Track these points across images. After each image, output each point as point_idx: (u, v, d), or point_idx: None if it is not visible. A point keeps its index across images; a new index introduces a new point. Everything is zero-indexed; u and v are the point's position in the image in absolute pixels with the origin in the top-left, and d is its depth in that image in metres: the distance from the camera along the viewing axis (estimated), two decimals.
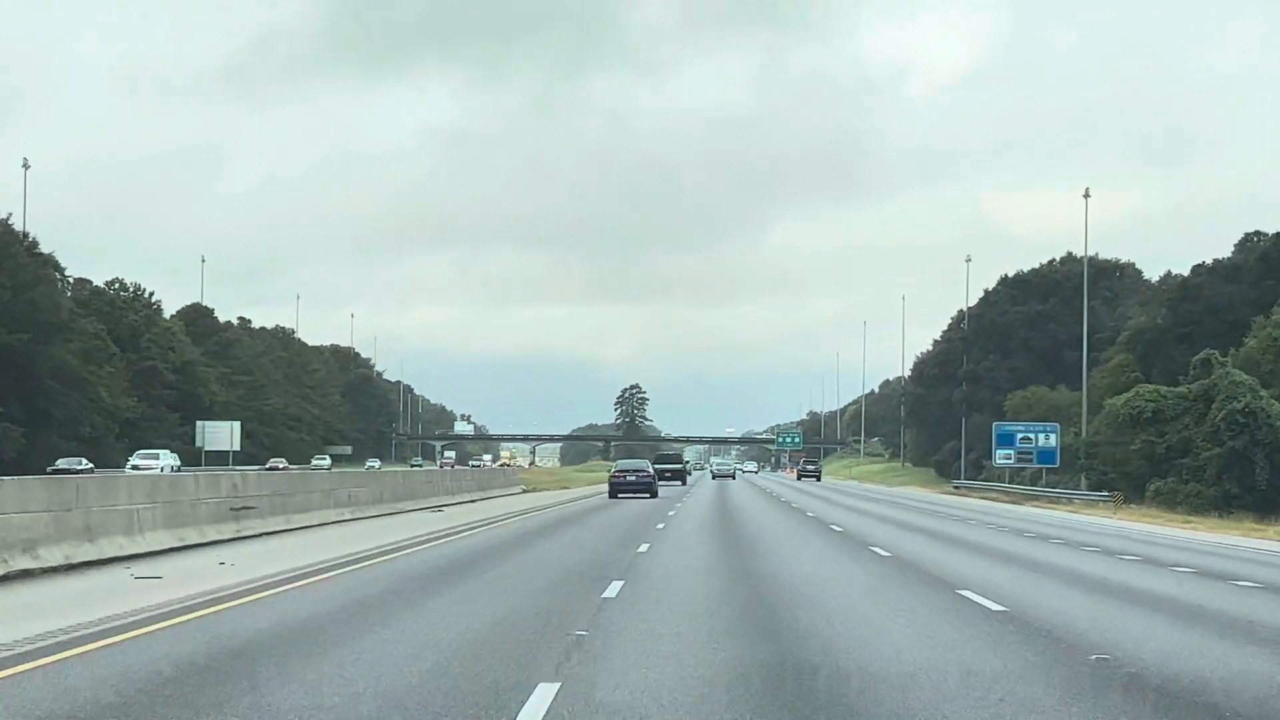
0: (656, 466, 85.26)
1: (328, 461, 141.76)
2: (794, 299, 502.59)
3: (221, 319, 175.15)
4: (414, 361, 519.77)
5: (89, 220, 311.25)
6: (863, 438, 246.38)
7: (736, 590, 20.49)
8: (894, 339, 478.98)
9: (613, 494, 70.05)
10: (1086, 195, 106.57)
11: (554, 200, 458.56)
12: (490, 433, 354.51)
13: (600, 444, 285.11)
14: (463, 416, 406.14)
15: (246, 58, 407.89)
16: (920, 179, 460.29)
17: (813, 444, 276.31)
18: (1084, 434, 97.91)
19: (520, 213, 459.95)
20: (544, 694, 11.07)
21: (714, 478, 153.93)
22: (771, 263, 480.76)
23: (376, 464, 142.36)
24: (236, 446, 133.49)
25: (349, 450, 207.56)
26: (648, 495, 70.12)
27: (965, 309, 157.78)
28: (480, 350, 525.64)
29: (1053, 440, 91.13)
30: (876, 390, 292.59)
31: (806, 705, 10.90)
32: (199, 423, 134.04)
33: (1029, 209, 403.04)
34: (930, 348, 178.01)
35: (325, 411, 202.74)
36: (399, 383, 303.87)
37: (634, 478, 72.49)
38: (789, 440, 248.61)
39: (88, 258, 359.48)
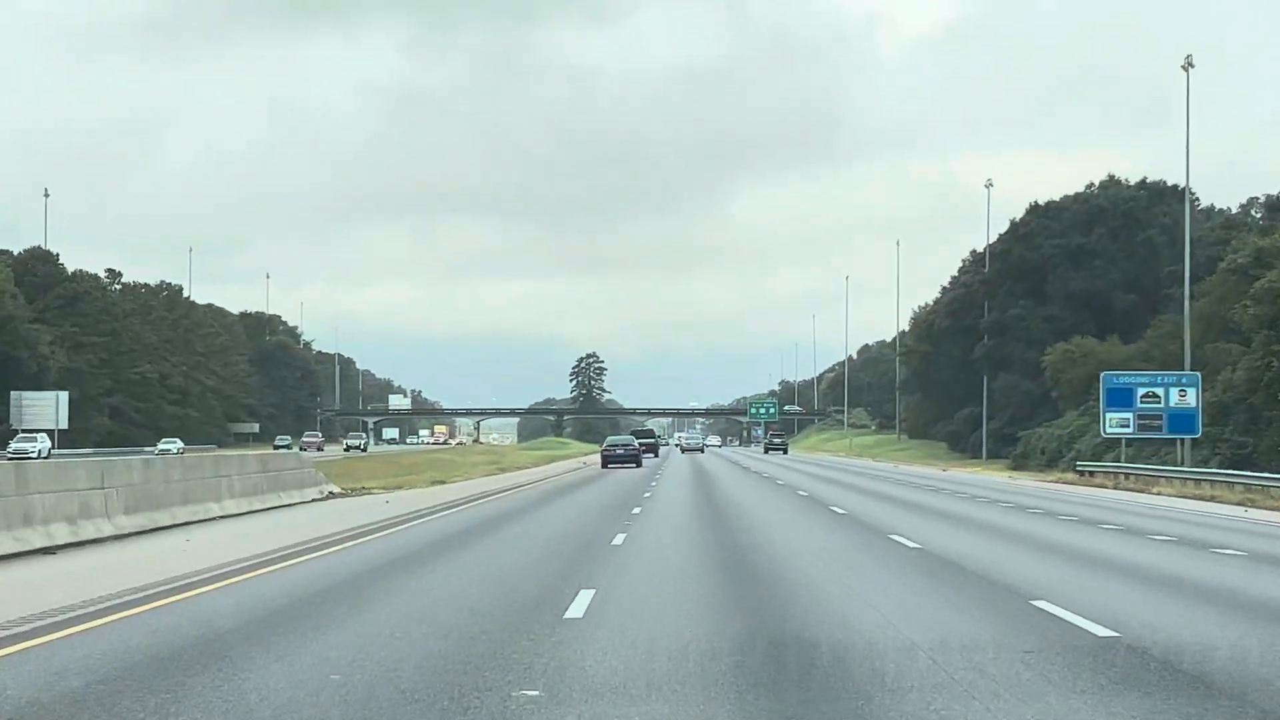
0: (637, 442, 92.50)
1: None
2: (762, 270, 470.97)
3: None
4: (370, 340, 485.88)
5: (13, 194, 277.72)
6: (846, 407, 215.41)
7: None
8: (867, 311, 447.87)
9: (605, 464, 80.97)
10: (1188, 66, 75.17)
11: (510, 167, 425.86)
12: (444, 408, 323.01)
13: (552, 418, 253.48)
14: (413, 392, 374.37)
15: (169, 6, 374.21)
16: (893, 144, 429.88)
17: (788, 415, 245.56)
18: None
19: (475, 181, 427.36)
20: None
21: (683, 452, 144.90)
22: (738, 232, 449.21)
23: (174, 446, 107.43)
24: (63, 424, 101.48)
25: (255, 428, 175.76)
26: (634, 465, 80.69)
27: (987, 244, 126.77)
28: (437, 327, 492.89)
29: (1190, 398, 59.71)
30: (855, 357, 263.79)
31: None
32: (13, 394, 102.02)
33: (1006, 175, 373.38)
34: (939, 295, 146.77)
35: (226, 383, 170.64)
36: (336, 354, 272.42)
37: (622, 451, 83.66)
38: (763, 411, 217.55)
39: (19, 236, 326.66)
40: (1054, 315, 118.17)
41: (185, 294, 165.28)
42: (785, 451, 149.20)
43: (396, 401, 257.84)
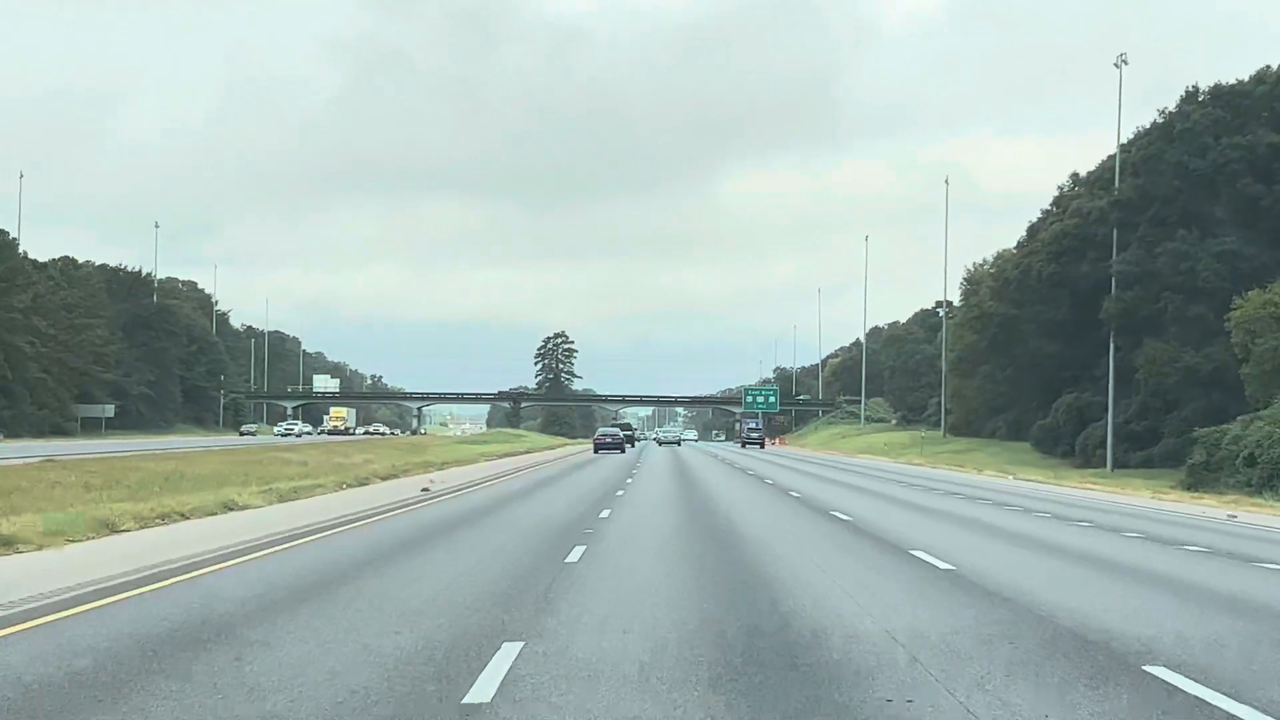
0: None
1: None
2: (752, 257, 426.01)
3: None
4: (334, 324, 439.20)
5: None
6: (864, 396, 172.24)
7: None
8: (865, 302, 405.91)
9: (596, 450, 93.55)
10: None
11: (486, 140, 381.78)
12: (395, 392, 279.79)
13: (508, 405, 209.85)
14: (374, 377, 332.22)
15: None
16: (891, 125, 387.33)
17: (792, 406, 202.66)
18: None
19: (448, 156, 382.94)
20: None
21: (660, 444, 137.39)
22: (727, 217, 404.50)
23: None
24: None
25: (109, 411, 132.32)
26: (620, 451, 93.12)
27: (1117, 148, 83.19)
28: (409, 312, 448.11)
29: None
30: (864, 341, 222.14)
31: None
32: None
33: (1015, 160, 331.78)
34: (1022, 239, 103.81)
35: (68, 351, 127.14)
36: (271, 332, 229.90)
37: (610, 440, 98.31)
38: (761, 400, 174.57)
39: None
40: (1232, 251, 75.34)
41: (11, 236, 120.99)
42: (762, 446, 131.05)
43: (321, 383, 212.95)
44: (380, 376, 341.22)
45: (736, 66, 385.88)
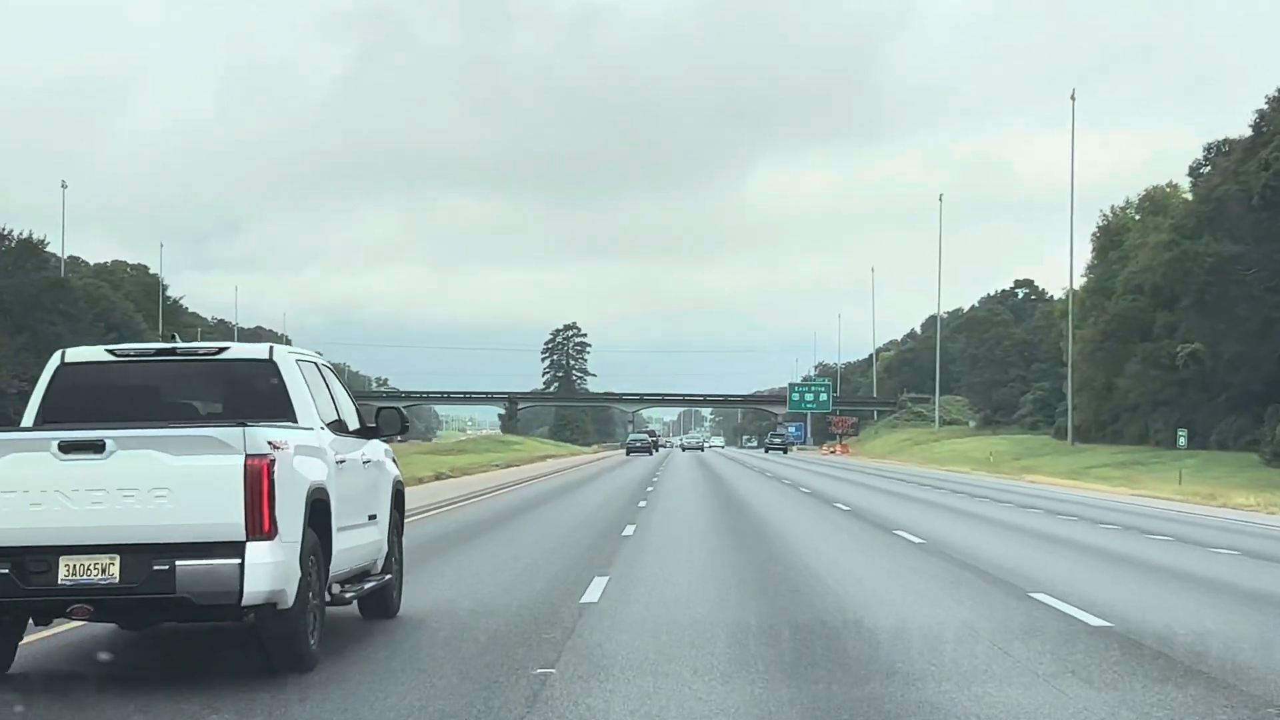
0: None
1: None
2: (782, 254, 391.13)
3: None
4: (367, 331, 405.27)
5: None
6: (937, 393, 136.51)
7: None
8: (905, 302, 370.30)
9: (628, 453, 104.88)
10: None
11: (502, 128, 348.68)
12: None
13: (505, 407, 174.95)
14: (378, 380, 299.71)
15: None
16: (927, 115, 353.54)
17: (845, 404, 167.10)
18: None
19: (465, 145, 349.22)
20: None
21: (683, 450, 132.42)
22: (756, 211, 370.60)
23: None
24: None
25: None
26: (648, 454, 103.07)
27: None
28: (424, 317, 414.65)
29: None
30: (920, 332, 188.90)
31: None
32: None
33: (1054, 156, 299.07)
34: (1202, 156, 68.56)
35: None
36: (249, 328, 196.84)
37: (640, 444, 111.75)
38: (810, 398, 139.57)
39: None
40: None
41: None
42: (785, 451, 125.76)
43: None
44: (386, 379, 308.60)
45: (769, 45, 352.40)
